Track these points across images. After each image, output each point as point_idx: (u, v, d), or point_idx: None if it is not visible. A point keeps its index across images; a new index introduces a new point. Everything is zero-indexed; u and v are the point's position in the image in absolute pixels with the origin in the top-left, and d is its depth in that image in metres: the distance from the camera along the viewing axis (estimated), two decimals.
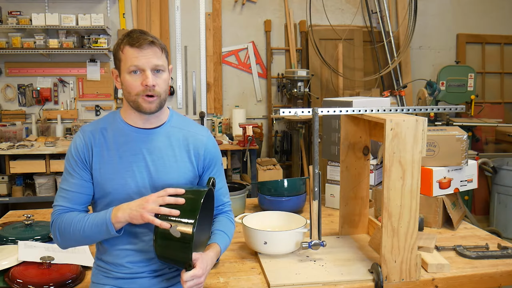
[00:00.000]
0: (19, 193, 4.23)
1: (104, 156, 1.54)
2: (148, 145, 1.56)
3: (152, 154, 1.55)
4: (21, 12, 4.41)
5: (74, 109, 4.77)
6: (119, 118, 1.59)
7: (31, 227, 2.07)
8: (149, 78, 1.47)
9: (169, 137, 1.58)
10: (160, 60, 1.50)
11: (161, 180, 1.55)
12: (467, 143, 2.28)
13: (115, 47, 1.54)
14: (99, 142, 1.55)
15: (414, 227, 1.72)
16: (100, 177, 1.54)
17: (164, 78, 1.52)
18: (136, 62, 1.47)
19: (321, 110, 1.82)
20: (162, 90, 1.52)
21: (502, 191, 4.39)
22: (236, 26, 4.98)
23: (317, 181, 1.79)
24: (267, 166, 4.48)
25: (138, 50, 1.47)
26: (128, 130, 1.57)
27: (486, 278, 1.81)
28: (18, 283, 1.66)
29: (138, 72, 1.49)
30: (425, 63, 5.33)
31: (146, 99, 1.49)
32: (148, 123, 1.57)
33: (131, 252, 1.55)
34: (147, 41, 1.48)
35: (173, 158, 1.57)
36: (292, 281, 1.70)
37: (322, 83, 5.00)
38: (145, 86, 1.48)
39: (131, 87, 1.50)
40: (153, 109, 1.51)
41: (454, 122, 4.59)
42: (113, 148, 1.55)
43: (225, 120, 4.91)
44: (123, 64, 1.50)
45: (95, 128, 1.58)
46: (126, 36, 1.51)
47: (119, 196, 1.53)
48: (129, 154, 1.54)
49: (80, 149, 1.55)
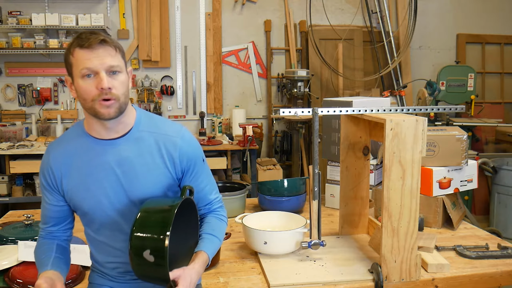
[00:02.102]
0: (19, 193, 4.23)
1: (73, 177, 1.45)
2: (116, 157, 1.44)
3: (122, 166, 1.44)
4: (21, 12, 4.41)
5: (74, 109, 4.76)
6: (82, 131, 1.47)
7: (31, 227, 2.07)
8: (103, 80, 1.33)
9: (138, 144, 1.45)
10: (114, 60, 1.36)
11: (136, 192, 1.45)
12: (467, 143, 2.28)
13: (65, 52, 1.40)
14: (66, 162, 1.45)
15: (414, 227, 1.72)
16: (74, 198, 1.47)
17: (122, 80, 1.38)
18: (88, 64, 1.33)
19: (321, 110, 1.82)
20: (120, 93, 1.37)
21: (502, 191, 4.38)
22: (236, 26, 4.98)
23: (317, 181, 1.79)
24: (267, 166, 4.48)
25: (89, 51, 1.33)
26: (92, 144, 1.45)
27: (486, 278, 1.81)
28: (18, 283, 1.66)
29: (91, 76, 1.34)
30: (425, 63, 5.33)
31: (103, 103, 1.35)
32: (113, 131, 1.44)
33: (118, 264, 1.53)
34: (97, 40, 1.34)
35: (145, 167, 1.45)
36: (292, 281, 1.70)
37: (322, 83, 5.00)
38: (101, 90, 1.33)
39: (85, 92, 1.35)
40: (112, 114, 1.37)
41: (454, 122, 4.59)
42: (81, 166, 1.45)
43: (225, 120, 4.91)
44: (74, 68, 1.36)
45: (60, 147, 1.48)
46: (76, 38, 1.37)
47: (97, 215, 1.47)
48: (98, 170, 1.44)
49: (47, 174, 1.47)
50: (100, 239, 1.51)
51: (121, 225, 1.47)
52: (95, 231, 1.51)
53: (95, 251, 1.56)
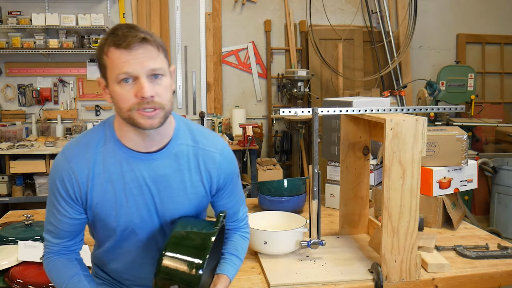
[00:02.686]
0: (19, 193, 4.23)
1: (102, 190, 1.29)
2: (152, 173, 1.30)
3: (158, 184, 1.31)
4: (21, 12, 4.41)
5: (74, 109, 4.77)
6: (113, 137, 1.30)
7: (31, 227, 2.06)
8: (145, 88, 1.16)
9: (177, 160, 1.33)
10: (157, 62, 1.18)
11: (168, 211, 1.35)
12: (467, 143, 2.28)
13: (98, 51, 1.22)
14: (95, 172, 1.28)
15: (414, 227, 1.72)
16: (99, 214, 1.32)
17: (166, 84, 1.21)
18: (125, 67, 1.16)
19: (321, 110, 1.82)
20: (164, 100, 1.21)
21: (502, 191, 4.39)
22: (236, 26, 4.98)
23: (316, 181, 1.79)
24: (267, 166, 4.48)
25: (127, 52, 1.15)
26: (127, 156, 1.29)
27: (486, 278, 1.81)
28: (18, 283, 1.66)
29: (130, 80, 1.17)
30: (425, 63, 5.33)
31: (144, 113, 1.19)
32: (150, 143, 1.29)
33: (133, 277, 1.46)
34: (137, 38, 1.16)
35: (182, 185, 1.34)
36: (292, 281, 1.70)
37: (322, 83, 5.00)
38: (141, 98, 1.17)
39: (122, 100, 1.18)
40: (155, 125, 1.22)
41: (454, 122, 4.59)
42: (113, 179, 1.29)
43: (225, 120, 4.91)
44: (109, 72, 1.19)
45: (86, 153, 1.29)
46: (110, 34, 1.18)
47: (124, 232, 1.35)
48: (132, 186, 1.29)
49: (68, 183, 1.28)
50: (119, 251, 1.42)
51: (148, 244, 1.39)
52: (115, 243, 1.40)
53: (106, 257, 1.46)
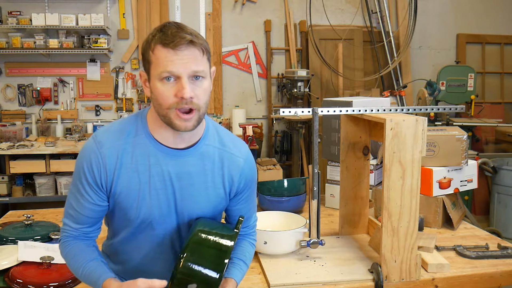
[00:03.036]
0: (19, 193, 4.23)
1: (128, 180, 1.31)
2: (178, 169, 1.34)
3: (182, 181, 1.35)
4: (21, 12, 4.41)
5: (74, 109, 4.76)
6: (145, 130, 1.34)
7: (31, 227, 2.06)
8: (186, 89, 1.21)
9: (203, 159, 1.36)
10: (200, 65, 1.23)
11: (187, 209, 1.38)
12: (467, 143, 2.28)
13: (144, 45, 1.27)
14: (124, 161, 1.31)
15: (414, 227, 1.72)
16: (122, 202, 1.34)
17: (205, 87, 1.26)
18: (170, 67, 1.21)
19: (321, 110, 1.82)
20: (202, 103, 1.26)
21: (502, 191, 4.39)
22: (236, 26, 4.98)
23: (316, 181, 1.79)
24: (267, 166, 4.48)
25: (173, 52, 1.20)
26: (156, 149, 1.32)
27: (486, 278, 1.81)
28: (18, 283, 1.66)
29: (171, 79, 1.23)
30: (425, 63, 5.33)
31: (181, 116, 1.24)
32: (180, 141, 1.34)
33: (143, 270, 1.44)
34: (185, 40, 1.21)
35: (204, 184, 1.37)
36: (292, 281, 1.70)
37: (322, 83, 5.00)
38: (180, 98, 1.22)
39: (162, 97, 1.23)
40: (189, 128, 1.26)
41: (454, 122, 4.59)
42: (140, 170, 1.31)
43: (225, 120, 4.91)
44: (153, 68, 1.24)
45: (118, 141, 1.32)
46: (159, 31, 1.23)
47: (142, 225, 1.37)
48: (157, 179, 1.32)
49: (96, 171, 1.30)
50: (134, 243, 1.43)
51: (162, 240, 1.41)
52: (131, 235, 1.41)
53: (119, 247, 1.46)
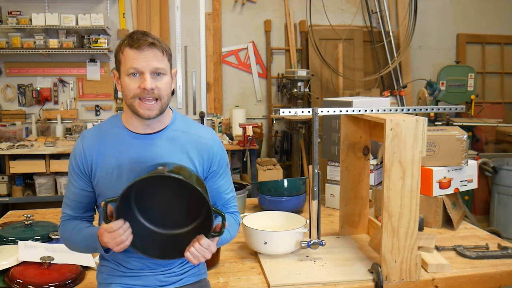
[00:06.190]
0: (19, 193, 4.23)
1: (105, 165, 1.51)
2: (148, 152, 1.51)
3: (153, 161, 1.50)
4: (21, 12, 4.41)
5: (74, 109, 4.76)
6: (119, 123, 1.56)
7: (31, 227, 2.07)
8: (147, 81, 1.43)
9: (171, 142, 1.54)
10: (160, 63, 1.46)
11: None
12: (467, 143, 2.28)
13: (116, 48, 1.52)
14: (100, 150, 1.52)
15: (414, 227, 1.72)
16: (101, 186, 1.52)
17: (165, 81, 1.48)
18: (135, 64, 1.44)
19: (321, 110, 1.82)
20: (162, 94, 1.47)
21: (502, 191, 4.39)
22: (236, 26, 4.98)
23: (316, 181, 1.79)
24: (267, 166, 4.47)
25: (138, 52, 1.44)
26: (127, 137, 1.53)
27: (486, 278, 1.81)
28: (18, 283, 1.66)
29: (137, 75, 1.46)
30: (425, 63, 5.33)
31: (143, 104, 1.46)
32: (149, 128, 1.53)
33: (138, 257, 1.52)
34: (147, 42, 1.44)
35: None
36: (292, 281, 1.70)
37: (322, 83, 5.00)
38: (143, 89, 1.44)
39: (128, 89, 1.46)
40: (152, 115, 1.47)
41: (454, 122, 4.59)
42: (113, 156, 1.51)
43: (225, 120, 4.91)
44: (122, 66, 1.48)
45: (95, 135, 1.55)
46: (128, 37, 1.48)
47: None
48: (128, 162, 1.50)
49: (78, 159, 1.53)
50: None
51: None
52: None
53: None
